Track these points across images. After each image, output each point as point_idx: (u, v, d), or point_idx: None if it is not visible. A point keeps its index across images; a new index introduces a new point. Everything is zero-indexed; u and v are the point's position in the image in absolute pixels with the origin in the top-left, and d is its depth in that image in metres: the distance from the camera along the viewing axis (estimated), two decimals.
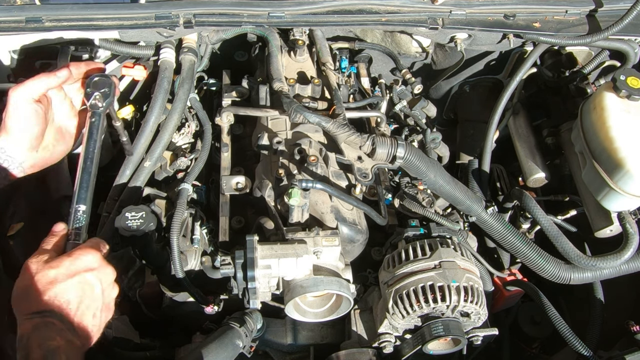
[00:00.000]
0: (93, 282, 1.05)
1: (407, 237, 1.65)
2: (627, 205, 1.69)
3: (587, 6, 1.95)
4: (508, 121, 2.10)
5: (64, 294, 1.00)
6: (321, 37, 2.01)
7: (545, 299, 1.70)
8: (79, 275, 1.03)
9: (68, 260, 1.04)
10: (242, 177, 1.72)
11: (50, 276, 1.00)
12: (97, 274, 1.06)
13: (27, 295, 0.98)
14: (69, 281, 1.01)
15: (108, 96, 1.33)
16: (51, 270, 1.01)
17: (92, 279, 1.05)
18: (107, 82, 1.34)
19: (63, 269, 1.02)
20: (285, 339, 1.69)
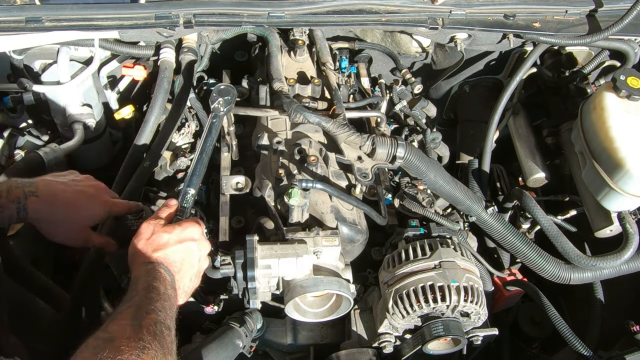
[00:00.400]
0: (194, 250, 1.24)
1: (407, 237, 1.65)
2: (627, 205, 1.69)
3: (587, 6, 1.95)
4: (508, 121, 2.10)
5: (172, 255, 1.19)
6: (321, 37, 2.01)
7: (545, 299, 1.70)
8: (185, 242, 1.22)
9: (179, 229, 1.23)
10: (242, 177, 1.72)
11: (164, 238, 1.20)
12: (198, 244, 1.25)
13: (144, 249, 1.18)
14: (177, 245, 1.20)
15: (229, 103, 1.51)
16: (165, 234, 1.21)
17: (194, 248, 1.24)
18: (230, 92, 1.53)
19: (174, 235, 1.21)
20: (285, 339, 1.69)
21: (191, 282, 1.25)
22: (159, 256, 1.18)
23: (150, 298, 1.07)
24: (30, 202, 1.26)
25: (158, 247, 1.19)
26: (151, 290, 1.09)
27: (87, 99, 2.05)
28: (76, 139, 1.96)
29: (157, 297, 1.09)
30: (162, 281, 1.14)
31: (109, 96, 2.16)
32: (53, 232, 1.33)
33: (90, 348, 0.94)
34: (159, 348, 0.98)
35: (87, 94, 2.04)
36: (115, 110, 2.18)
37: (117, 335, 0.96)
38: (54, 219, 1.30)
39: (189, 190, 1.37)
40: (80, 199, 1.33)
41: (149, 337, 0.98)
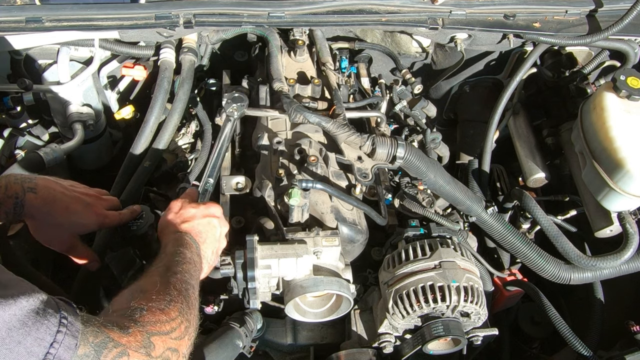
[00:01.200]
0: (217, 226, 1.36)
1: (407, 237, 1.64)
2: (627, 205, 1.69)
3: (587, 6, 1.95)
4: (508, 121, 2.10)
5: (198, 226, 1.31)
6: (321, 37, 2.01)
7: (545, 299, 1.70)
8: (209, 218, 1.34)
9: (203, 206, 1.37)
10: (242, 177, 1.72)
11: (191, 212, 1.33)
12: (220, 222, 1.38)
13: (173, 220, 1.31)
14: (202, 219, 1.33)
15: (241, 109, 1.68)
16: (192, 208, 1.34)
17: (217, 224, 1.36)
18: (243, 99, 1.70)
19: (200, 210, 1.35)
20: (285, 339, 1.69)
21: (213, 256, 1.35)
22: (186, 227, 1.29)
23: (177, 261, 1.17)
24: (28, 198, 1.27)
25: (185, 219, 1.31)
26: (178, 254, 1.19)
27: (87, 99, 2.05)
28: (76, 139, 1.96)
29: (184, 261, 1.18)
30: (189, 248, 1.24)
31: (109, 96, 2.16)
32: (42, 232, 1.33)
33: (124, 296, 1.03)
34: (184, 302, 1.07)
35: (87, 94, 2.04)
36: (115, 110, 2.18)
37: (148, 288, 1.06)
38: (47, 219, 1.31)
39: (209, 180, 1.57)
40: (76, 206, 1.34)
41: (176, 292, 1.07)
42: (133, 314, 0.96)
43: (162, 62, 1.89)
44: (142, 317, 0.96)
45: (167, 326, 0.99)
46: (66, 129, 2.05)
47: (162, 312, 1.00)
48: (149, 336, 0.93)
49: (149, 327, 0.95)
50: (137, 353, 0.89)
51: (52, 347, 0.77)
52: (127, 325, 0.92)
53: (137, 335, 0.91)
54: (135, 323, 0.93)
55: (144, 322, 0.95)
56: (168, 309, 1.01)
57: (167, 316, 1.00)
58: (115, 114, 2.16)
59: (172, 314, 1.02)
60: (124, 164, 1.75)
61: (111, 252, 1.64)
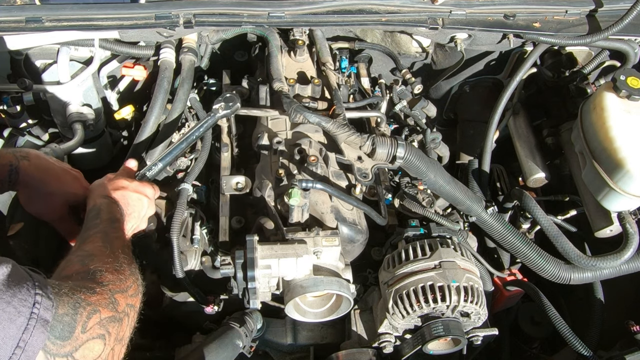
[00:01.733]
0: (144, 205, 1.41)
1: (407, 237, 1.65)
2: (627, 205, 1.69)
3: (587, 6, 1.95)
4: (508, 121, 2.10)
5: (127, 198, 1.36)
6: (321, 37, 2.01)
7: (545, 299, 1.70)
8: (140, 195, 1.39)
9: (138, 183, 1.42)
10: (242, 177, 1.72)
11: (124, 183, 1.38)
12: (149, 202, 1.43)
13: (105, 186, 1.36)
14: (133, 194, 1.38)
15: (228, 109, 1.63)
16: (125, 181, 1.39)
17: (145, 203, 1.41)
18: (235, 101, 1.64)
19: (133, 185, 1.40)
20: (285, 339, 1.69)
21: (131, 229, 1.38)
22: (117, 195, 1.34)
23: (115, 227, 1.25)
24: (22, 165, 1.32)
25: (118, 187, 1.36)
26: (114, 221, 1.27)
27: (87, 99, 2.04)
28: (76, 139, 1.96)
29: (119, 228, 1.27)
30: (120, 216, 1.31)
31: (109, 96, 2.16)
32: (35, 201, 1.37)
33: (75, 262, 1.08)
34: (131, 262, 1.17)
35: (87, 94, 2.04)
36: (115, 110, 2.18)
37: (95, 252, 1.12)
38: (41, 188, 1.35)
39: (158, 164, 1.54)
40: (66, 176, 1.41)
41: (122, 255, 1.16)
42: (94, 275, 1.03)
43: (162, 62, 1.89)
44: (102, 277, 1.04)
45: (124, 284, 1.08)
46: (66, 129, 2.05)
47: (117, 272, 1.08)
48: (112, 294, 1.02)
49: (111, 286, 1.03)
50: (106, 309, 0.98)
51: (35, 307, 0.83)
52: (92, 286, 1.00)
53: (103, 294, 1.00)
54: (98, 284, 1.01)
55: (106, 282, 1.03)
56: (122, 269, 1.10)
57: (123, 275, 1.09)
58: (115, 114, 2.15)
59: (126, 272, 1.11)
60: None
61: None
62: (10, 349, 0.79)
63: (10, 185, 1.31)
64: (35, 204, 1.37)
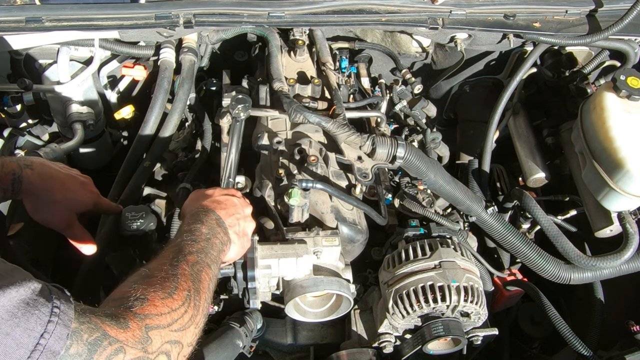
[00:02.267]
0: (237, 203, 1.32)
1: (407, 237, 1.65)
2: (627, 205, 1.69)
3: (587, 6, 1.95)
4: (508, 121, 2.10)
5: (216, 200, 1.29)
6: (321, 37, 2.01)
7: (545, 299, 1.70)
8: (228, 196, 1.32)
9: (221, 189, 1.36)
10: (242, 177, 1.72)
11: (208, 191, 1.33)
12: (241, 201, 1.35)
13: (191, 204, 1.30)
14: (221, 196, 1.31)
15: (246, 110, 1.66)
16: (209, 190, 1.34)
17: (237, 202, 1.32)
18: (247, 100, 1.67)
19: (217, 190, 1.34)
20: (285, 339, 1.69)
21: (240, 227, 1.29)
22: (203, 203, 1.27)
23: (192, 240, 1.13)
24: (25, 174, 1.28)
25: (203, 198, 1.30)
26: (192, 232, 1.15)
27: (87, 99, 2.05)
28: (76, 139, 1.96)
29: (199, 239, 1.14)
30: (206, 222, 1.20)
31: (109, 96, 2.16)
32: (41, 210, 1.33)
33: (130, 282, 0.99)
34: (192, 288, 1.02)
35: (87, 94, 2.04)
36: (115, 110, 2.18)
37: (154, 273, 1.01)
38: (46, 196, 1.31)
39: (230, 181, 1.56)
40: (71, 183, 1.36)
41: (183, 277, 1.02)
42: (133, 305, 0.91)
43: (162, 62, 1.89)
44: (142, 308, 0.91)
45: (168, 318, 0.94)
46: (66, 129, 2.05)
47: (163, 302, 0.94)
48: (147, 330, 0.89)
49: (148, 321, 0.90)
50: (133, 349, 0.85)
51: (42, 338, 0.75)
52: (126, 317, 0.88)
53: (135, 331, 0.87)
54: (134, 315, 0.89)
55: (144, 315, 0.90)
56: (171, 298, 0.96)
57: (169, 306, 0.95)
58: (115, 114, 2.16)
59: (176, 303, 0.97)
60: (124, 164, 1.76)
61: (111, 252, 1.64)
62: None
63: (14, 194, 1.28)
64: (41, 212, 1.33)
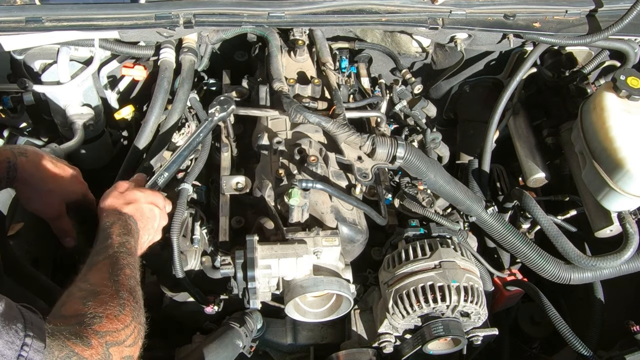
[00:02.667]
0: (157, 216, 1.37)
1: (407, 237, 1.64)
2: (627, 205, 1.69)
3: (587, 6, 1.95)
4: (508, 121, 2.10)
5: (141, 211, 1.33)
6: (321, 37, 2.01)
7: (545, 299, 1.70)
8: (152, 206, 1.36)
9: (150, 193, 1.39)
10: (242, 177, 1.72)
11: (136, 195, 1.34)
12: (161, 214, 1.39)
13: (118, 199, 1.32)
14: (146, 205, 1.35)
15: (224, 112, 1.64)
16: (138, 192, 1.36)
17: (157, 214, 1.37)
18: (229, 103, 1.65)
19: (145, 195, 1.36)
20: (285, 339, 1.69)
21: (145, 243, 1.36)
22: (130, 209, 1.30)
23: (124, 252, 1.18)
24: (20, 162, 1.30)
25: (130, 201, 1.32)
26: (124, 244, 1.20)
27: (87, 99, 2.04)
28: (76, 139, 1.96)
29: (129, 252, 1.20)
30: (133, 235, 1.26)
31: (109, 96, 2.16)
32: (34, 198, 1.35)
33: (77, 297, 1.02)
34: (134, 303, 1.10)
35: (87, 94, 2.04)
36: (115, 110, 2.18)
37: (99, 289, 1.05)
38: (39, 185, 1.34)
39: (164, 173, 1.51)
40: (63, 174, 1.39)
41: (127, 293, 1.09)
42: (92, 322, 0.97)
43: (162, 62, 1.89)
44: (100, 326, 0.97)
45: (123, 334, 1.01)
46: (66, 129, 2.05)
47: (117, 319, 1.01)
48: (107, 347, 0.96)
49: (108, 338, 0.97)
50: None
51: (23, 350, 0.80)
52: (88, 336, 0.94)
53: (97, 348, 0.94)
54: (95, 333, 0.95)
55: (103, 333, 0.97)
56: (122, 315, 1.03)
57: (122, 323, 1.02)
58: (115, 114, 2.15)
59: (127, 319, 1.04)
60: (124, 164, 1.75)
61: None
62: None
63: (9, 182, 1.30)
64: (33, 201, 1.35)
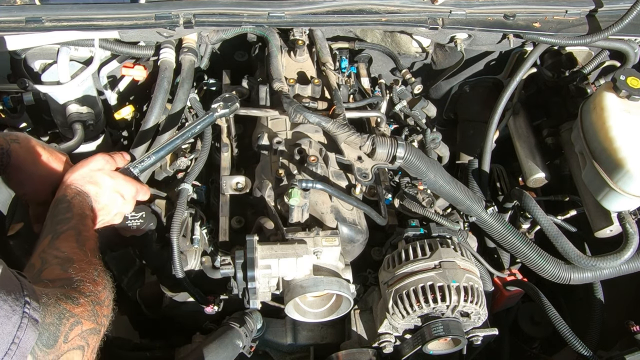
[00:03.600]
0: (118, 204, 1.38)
1: (407, 237, 1.65)
2: (627, 205, 1.69)
3: (587, 6, 1.95)
4: (508, 121, 2.10)
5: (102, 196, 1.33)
6: (321, 37, 2.01)
7: (545, 299, 1.70)
8: (116, 194, 1.36)
9: (121, 180, 1.38)
10: (242, 177, 1.72)
11: (104, 179, 1.35)
12: (124, 203, 1.39)
13: (84, 175, 1.33)
14: (109, 192, 1.35)
15: (227, 108, 1.61)
16: (108, 177, 1.36)
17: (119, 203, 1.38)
18: (233, 101, 1.63)
19: (114, 182, 1.36)
20: (285, 339, 1.69)
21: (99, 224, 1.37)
22: (91, 190, 1.31)
23: (86, 225, 1.24)
24: (13, 148, 1.32)
25: (95, 181, 1.33)
26: (85, 217, 1.25)
27: (87, 99, 2.04)
28: (76, 139, 1.96)
29: (90, 225, 1.26)
30: (90, 212, 1.29)
31: (109, 96, 2.16)
32: (27, 183, 1.37)
33: (55, 264, 1.08)
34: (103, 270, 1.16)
35: (87, 94, 2.03)
36: (115, 110, 2.18)
37: (74, 256, 1.12)
38: (33, 170, 1.35)
39: (150, 157, 1.48)
40: (55, 158, 1.41)
41: (96, 260, 1.17)
42: (77, 285, 1.05)
43: (162, 62, 1.89)
44: (84, 288, 1.05)
45: (102, 295, 1.09)
46: (66, 129, 2.05)
47: (95, 282, 1.09)
48: (93, 306, 1.04)
49: (92, 297, 1.05)
50: (88, 321, 1.00)
51: (26, 307, 0.86)
52: (76, 296, 1.01)
53: (85, 306, 1.01)
54: (81, 294, 1.03)
55: (88, 293, 1.05)
56: (99, 279, 1.11)
57: (101, 285, 1.10)
58: (115, 114, 2.15)
59: (103, 282, 1.12)
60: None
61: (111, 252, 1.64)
62: (6, 344, 0.82)
63: (2, 168, 1.31)
64: (24, 185, 1.37)
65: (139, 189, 1.43)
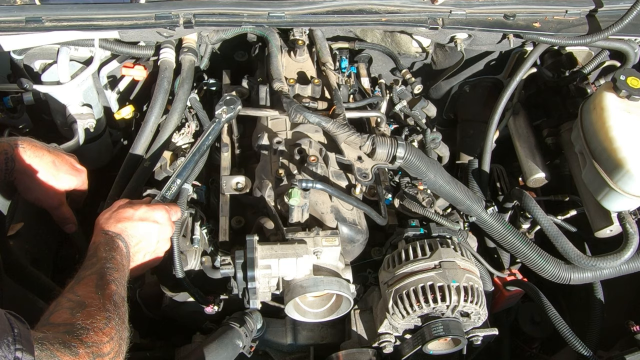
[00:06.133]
0: (154, 232, 1.33)
1: (407, 237, 1.65)
2: (627, 205, 1.69)
3: (587, 6, 1.95)
4: (508, 121, 2.10)
5: (132, 229, 1.30)
6: (321, 37, 2.01)
7: (545, 299, 1.70)
8: (147, 222, 1.32)
9: (146, 208, 1.34)
10: (242, 177, 1.72)
11: (128, 212, 1.31)
12: (160, 228, 1.34)
13: (108, 218, 1.30)
14: (139, 222, 1.31)
15: (231, 112, 1.63)
16: (130, 209, 1.32)
17: (155, 230, 1.33)
18: (236, 103, 1.64)
19: (139, 212, 1.32)
20: (285, 339, 1.69)
21: (144, 259, 1.35)
22: (118, 227, 1.29)
23: (110, 268, 1.19)
24: (17, 152, 1.31)
25: (120, 219, 1.30)
26: (110, 260, 1.21)
27: (87, 99, 2.04)
28: (76, 139, 1.96)
29: (115, 268, 1.20)
30: (119, 252, 1.25)
31: (109, 96, 2.16)
32: (33, 187, 1.36)
33: (65, 308, 1.05)
34: (119, 318, 1.11)
35: (87, 94, 2.04)
36: (115, 111, 2.18)
37: (87, 301, 1.08)
38: (38, 174, 1.35)
39: (176, 182, 1.48)
40: (61, 163, 1.40)
41: (112, 307, 1.11)
42: (80, 333, 0.99)
43: (162, 62, 1.89)
44: (87, 337, 1.00)
45: (107, 347, 1.03)
46: (66, 129, 2.05)
47: (102, 332, 1.04)
48: (93, 358, 0.98)
49: (94, 349, 0.99)
50: None
51: None
52: (76, 346, 0.97)
53: (84, 358, 0.96)
54: (82, 344, 0.98)
55: (90, 344, 0.99)
56: (107, 329, 1.06)
57: (107, 336, 1.04)
58: (115, 114, 2.16)
59: (111, 333, 1.06)
60: (124, 164, 1.76)
61: None
62: None
63: (7, 173, 1.30)
64: (33, 192, 1.36)
65: (169, 209, 1.40)
